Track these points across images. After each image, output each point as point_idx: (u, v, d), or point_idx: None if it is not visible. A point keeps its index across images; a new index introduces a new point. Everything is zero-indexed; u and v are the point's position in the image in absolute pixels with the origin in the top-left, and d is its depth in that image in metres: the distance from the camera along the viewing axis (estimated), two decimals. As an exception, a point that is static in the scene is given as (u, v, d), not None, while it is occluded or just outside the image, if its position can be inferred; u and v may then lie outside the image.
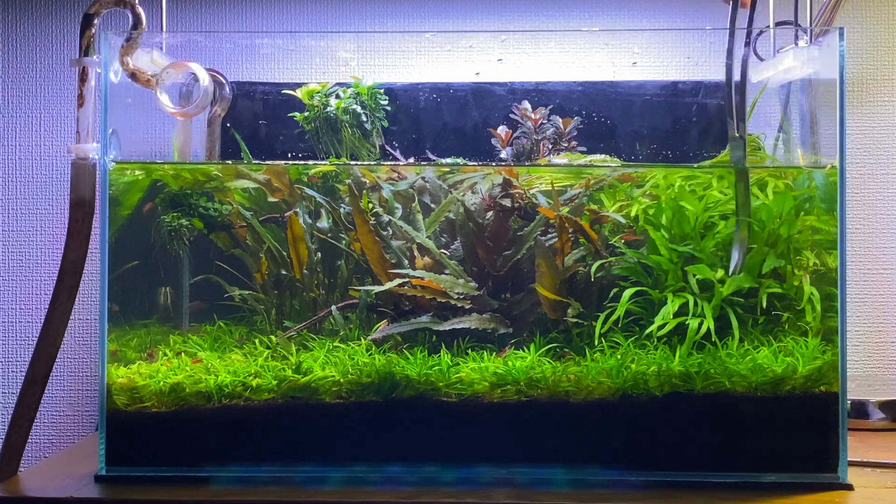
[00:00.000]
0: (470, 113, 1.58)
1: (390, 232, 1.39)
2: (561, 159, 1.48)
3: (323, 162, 1.41)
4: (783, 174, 1.38)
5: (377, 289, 1.35)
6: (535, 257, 1.35)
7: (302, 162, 1.43)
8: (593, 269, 1.33)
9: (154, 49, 1.40)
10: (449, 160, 1.48)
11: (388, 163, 1.47)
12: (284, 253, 1.41)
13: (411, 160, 1.49)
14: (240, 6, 1.46)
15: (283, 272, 1.41)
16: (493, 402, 1.29)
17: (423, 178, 1.42)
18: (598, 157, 1.49)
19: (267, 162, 1.43)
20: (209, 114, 1.63)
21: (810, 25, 1.56)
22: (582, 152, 1.51)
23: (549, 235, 1.37)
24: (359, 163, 1.41)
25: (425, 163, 1.46)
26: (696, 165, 1.47)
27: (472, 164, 1.44)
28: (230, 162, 1.48)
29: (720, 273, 1.31)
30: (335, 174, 1.41)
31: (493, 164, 1.46)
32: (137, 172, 1.38)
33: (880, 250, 1.84)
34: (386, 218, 1.39)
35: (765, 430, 1.28)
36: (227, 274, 1.43)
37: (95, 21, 1.30)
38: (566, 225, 1.35)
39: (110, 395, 1.30)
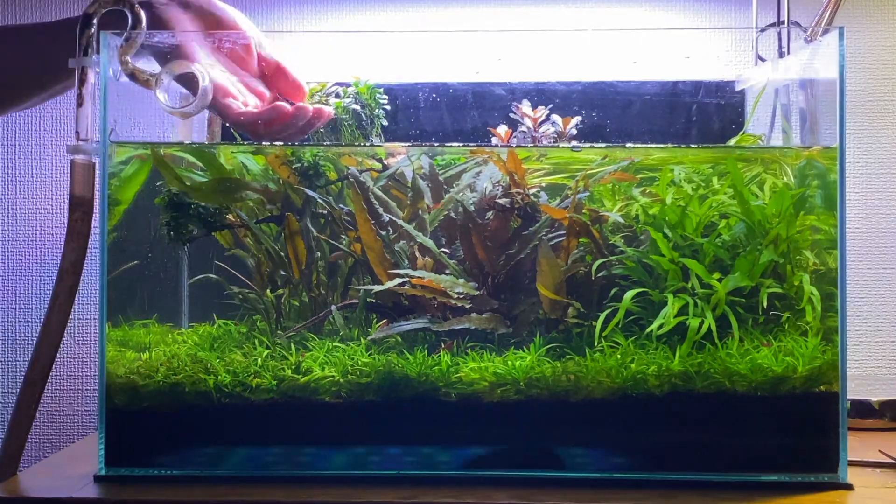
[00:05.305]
0: (469, 112, 1.58)
1: (391, 231, 1.39)
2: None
3: (315, 144, 1.41)
4: (781, 172, 1.38)
5: (377, 288, 1.35)
6: (535, 256, 1.35)
7: (309, 144, 1.42)
8: (594, 268, 1.33)
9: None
10: (452, 147, 1.48)
11: (391, 143, 1.45)
12: (283, 253, 1.41)
13: (410, 144, 1.48)
14: (239, 6, 1.46)
15: (283, 272, 1.41)
16: (493, 401, 1.29)
17: (422, 177, 1.42)
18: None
19: (262, 144, 1.43)
20: (209, 114, 1.63)
21: (811, 25, 1.56)
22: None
23: (552, 234, 1.37)
24: (355, 145, 1.41)
25: (426, 144, 1.45)
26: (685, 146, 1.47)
27: (469, 145, 1.44)
28: (226, 143, 1.47)
29: (717, 273, 1.31)
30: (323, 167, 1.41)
31: (483, 144, 1.46)
32: (135, 166, 1.38)
33: (880, 250, 1.84)
34: (386, 217, 1.39)
35: (765, 430, 1.28)
36: (226, 273, 1.43)
37: (94, 21, 1.30)
38: (575, 226, 1.35)
39: (110, 395, 1.30)
